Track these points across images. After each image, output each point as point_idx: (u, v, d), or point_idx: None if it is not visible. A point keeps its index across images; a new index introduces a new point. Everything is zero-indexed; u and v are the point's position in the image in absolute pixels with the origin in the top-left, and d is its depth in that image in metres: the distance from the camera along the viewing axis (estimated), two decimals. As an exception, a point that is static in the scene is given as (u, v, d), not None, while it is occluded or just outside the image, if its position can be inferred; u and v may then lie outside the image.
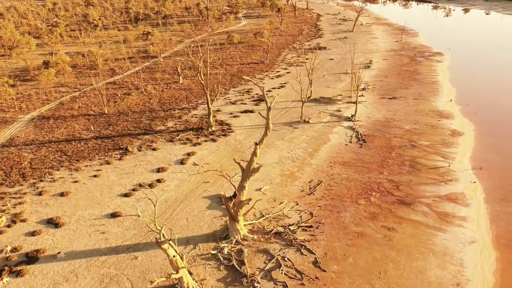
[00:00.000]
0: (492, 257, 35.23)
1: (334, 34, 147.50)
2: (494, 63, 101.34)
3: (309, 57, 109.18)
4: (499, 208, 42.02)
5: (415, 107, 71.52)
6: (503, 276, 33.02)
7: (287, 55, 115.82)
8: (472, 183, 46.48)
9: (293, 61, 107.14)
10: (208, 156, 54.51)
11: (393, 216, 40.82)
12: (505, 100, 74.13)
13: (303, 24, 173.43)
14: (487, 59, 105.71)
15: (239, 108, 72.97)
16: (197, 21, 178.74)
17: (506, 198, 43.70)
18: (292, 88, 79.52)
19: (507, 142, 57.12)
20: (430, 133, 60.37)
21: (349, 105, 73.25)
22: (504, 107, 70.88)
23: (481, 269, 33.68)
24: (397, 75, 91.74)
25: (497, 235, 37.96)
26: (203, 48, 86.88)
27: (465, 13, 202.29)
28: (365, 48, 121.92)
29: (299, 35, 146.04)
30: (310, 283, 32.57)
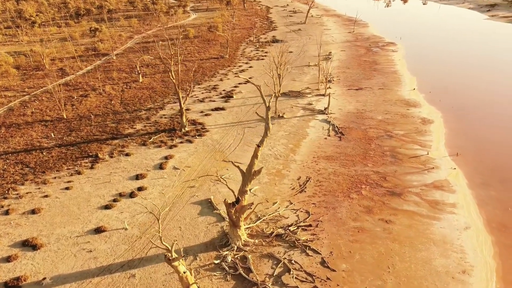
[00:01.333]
0: (488, 242, 36.46)
1: (287, 27, 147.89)
2: (444, 52, 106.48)
3: (268, 50, 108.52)
4: (482, 193, 43.73)
5: (382, 97, 73.12)
6: (502, 260, 34.24)
7: (246, 49, 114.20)
8: (453, 170, 48.06)
9: (253, 55, 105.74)
10: (188, 159, 51.94)
11: (387, 208, 41.09)
12: (463, 87, 77.94)
13: (255, 17, 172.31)
14: (436, 48, 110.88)
15: (208, 106, 70.51)
16: (145, 16, 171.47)
17: (486, 182, 45.62)
18: (259, 83, 78.12)
19: (474, 127, 59.89)
20: (403, 122, 61.88)
21: (319, 98, 73.39)
22: (463, 93, 74.46)
23: (481, 254, 34.70)
24: (358, 66, 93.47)
25: (488, 220, 39.41)
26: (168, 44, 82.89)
27: (404, 3, 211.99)
28: (321, 39, 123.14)
29: (253, 28, 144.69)
30: (322, 285, 31.77)
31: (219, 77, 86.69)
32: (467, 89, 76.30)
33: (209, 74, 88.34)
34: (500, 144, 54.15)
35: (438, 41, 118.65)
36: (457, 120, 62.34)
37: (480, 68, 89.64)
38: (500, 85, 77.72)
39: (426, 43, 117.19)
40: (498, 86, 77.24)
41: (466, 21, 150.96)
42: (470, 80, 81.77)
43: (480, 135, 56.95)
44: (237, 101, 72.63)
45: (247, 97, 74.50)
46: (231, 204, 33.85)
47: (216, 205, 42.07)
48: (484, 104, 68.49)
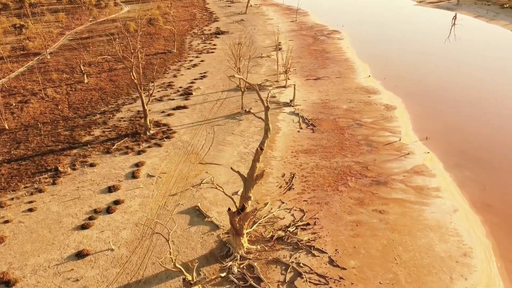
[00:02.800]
0: (478, 222, 38.07)
1: (229, 17, 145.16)
2: (389, 38, 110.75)
3: (216, 43, 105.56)
4: (459, 174, 45.72)
5: (342, 85, 74.06)
6: (495, 238, 35.88)
7: (192, 41, 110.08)
8: (427, 154, 49.75)
9: (201, 48, 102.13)
10: (161, 164, 48.46)
11: (377, 198, 41.37)
12: (414, 71, 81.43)
13: (192, 8, 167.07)
14: (377, 34, 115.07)
15: (168, 105, 66.65)
16: (73, 9, 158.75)
17: (460, 164, 47.78)
18: (215, 78, 75.58)
19: (435, 111, 62.67)
20: (368, 110, 63.05)
21: (281, 90, 72.58)
22: (416, 77, 77.76)
23: (475, 235, 36.09)
24: (310, 55, 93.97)
25: (471, 200, 41.20)
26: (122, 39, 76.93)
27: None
28: (266, 30, 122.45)
29: (194, 20, 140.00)
30: (337, 285, 31.02)
31: (172, 73, 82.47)
32: (417, 74, 79.81)
33: (160, 71, 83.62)
34: (464, 126, 57.15)
35: (377, 28, 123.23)
36: (417, 104, 64.83)
37: (422, 54, 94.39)
38: (446, 69, 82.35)
39: (367, 30, 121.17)
40: (444, 70, 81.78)
41: (397, 8, 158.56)
42: (418, 65, 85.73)
43: (443, 118, 59.69)
44: (198, 98, 69.46)
45: (207, 93, 71.57)
46: (235, 212, 31.73)
47: (205, 212, 39.57)
48: (438, 88, 72.04)
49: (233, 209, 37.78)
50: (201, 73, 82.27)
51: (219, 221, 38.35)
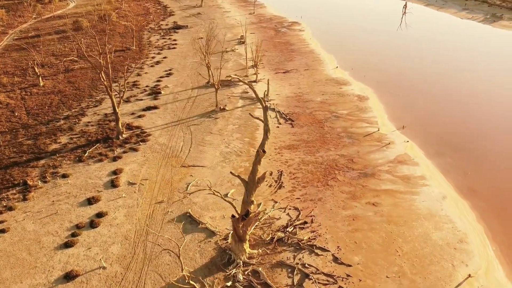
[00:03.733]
0: (467, 207, 39.30)
1: (184, 11, 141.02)
2: (347, 28, 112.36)
3: (176, 38, 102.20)
4: (441, 161, 47.03)
5: (312, 78, 74.06)
6: (486, 222, 37.18)
7: (150, 37, 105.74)
8: (406, 143, 50.76)
9: (162, 44, 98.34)
10: (141, 170, 45.87)
11: (368, 191, 41.56)
12: (377, 61, 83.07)
13: (145, 2, 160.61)
14: (338, 25, 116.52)
15: (137, 105, 63.40)
16: (14, 5, 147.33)
17: (440, 151, 49.18)
18: (182, 75, 72.96)
19: (406, 99, 64.23)
20: (342, 101, 63.44)
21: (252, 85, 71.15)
22: (380, 67, 79.34)
23: (467, 221, 37.20)
24: (274, 48, 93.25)
25: (456, 186, 42.48)
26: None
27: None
28: (225, 23, 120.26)
29: (148, 15, 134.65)
30: (346, 283, 30.71)
31: (135, 72, 78.56)
32: (383, 64, 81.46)
33: (122, 70, 79.38)
34: (437, 113, 58.96)
35: (334, 18, 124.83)
36: (388, 94, 66.12)
37: (381, 43, 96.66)
38: (407, 57, 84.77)
39: (325, 20, 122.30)
40: (406, 58, 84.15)
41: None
42: (379, 54, 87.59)
43: (415, 107, 61.27)
44: (167, 97, 66.63)
45: (176, 91, 68.86)
46: (239, 219, 30.38)
47: (197, 219, 37.83)
48: (405, 78, 73.91)
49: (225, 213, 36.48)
50: (166, 71, 79.08)
51: (213, 226, 36.83)
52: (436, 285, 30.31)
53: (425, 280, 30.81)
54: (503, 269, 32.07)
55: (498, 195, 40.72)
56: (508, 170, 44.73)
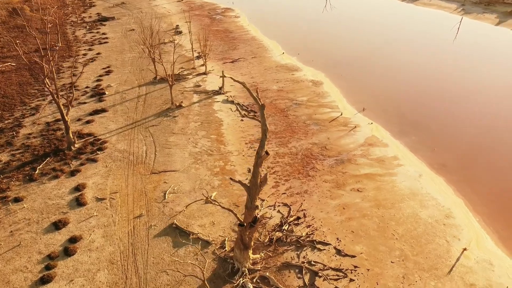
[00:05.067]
0: (443, 182, 41.25)
1: (107, 1, 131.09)
2: (282, 12, 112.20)
3: (105, 31, 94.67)
4: (407, 140, 48.85)
5: (261, 65, 72.90)
6: (463, 195, 39.30)
7: (75, 32, 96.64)
8: (371, 124, 52.00)
9: (90, 39, 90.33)
10: (107, 183, 41.65)
11: (349, 177, 41.86)
12: (320, 43, 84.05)
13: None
14: (272, 10, 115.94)
15: (82, 110, 57.52)
16: None
17: (403, 130, 51.05)
18: (123, 71, 67.72)
19: (358, 81, 65.73)
20: (298, 88, 63.23)
21: (203, 77, 68.39)
22: (324, 49, 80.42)
23: (446, 195, 39.04)
24: (214, 37, 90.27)
25: (428, 163, 44.39)
26: None
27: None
28: (155, 12, 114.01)
29: (66, 7, 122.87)
30: (356, 276, 30.60)
31: (69, 72, 71.16)
32: (324, 46, 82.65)
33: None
34: (393, 93, 61.09)
35: (265, 2, 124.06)
36: (339, 77, 67.17)
37: (316, 23, 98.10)
38: (346, 38, 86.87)
39: (257, 5, 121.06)
40: (345, 39, 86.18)
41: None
42: (320, 37, 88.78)
43: (371, 88, 62.96)
44: (114, 97, 61.32)
45: (122, 90, 63.65)
46: (247, 226, 28.57)
47: (185, 229, 35.26)
48: (354, 59, 75.58)
49: (213, 219, 34.61)
50: (104, 68, 72.73)
51: (206, 235, 34.56)
52: (438, 263, 31.34)
53: (427, 259, 31.70)
54: (491, 238, 34.10)
55: (467, 167, 43.29)
56: (471, 142, 47.73)
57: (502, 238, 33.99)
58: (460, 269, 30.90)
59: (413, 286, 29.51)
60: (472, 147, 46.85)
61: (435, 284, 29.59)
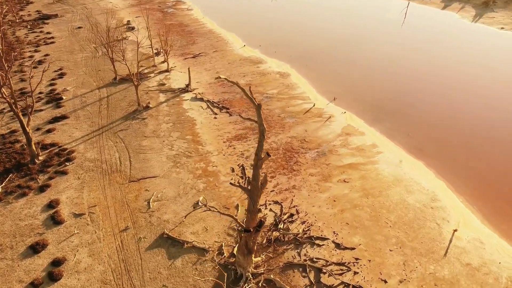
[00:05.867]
0: (422, 166, 42.53)
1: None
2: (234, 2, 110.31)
3: (49, 30, 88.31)
4: (382, 127, 49.83)
5: (224, 59, 71.36)
6: (444, 177, 40.72)
7: (16, 32, 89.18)
8: (344, 114, 52.53)
9: (35, 40, 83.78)
10: (82, 196, 38.81)
11: (333, 168, 42.03)
12: (280, 34, 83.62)
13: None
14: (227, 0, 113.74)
15: (40, 118, 53.23)
16: None
17: (377, 117, 52.01)
18: (79, 73, 63.57)
19: (324, 70, 66.11)
20: (266, 81, 62.55)
21: (166, 75, 65.75)
22: (285, 40, 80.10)
23: (428, 179, 40.30)
24: (171, 32, 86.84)
25: (406, 148, 45.57)
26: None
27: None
28: (101, 7, 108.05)
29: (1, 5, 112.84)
30: (359, 268, 30.77)
31: (17, 77, 65.56)
32: (287, 36, 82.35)
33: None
34: (361, 80, 61.96)
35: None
36: (305, 67, 67.24)
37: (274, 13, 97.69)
38: (306, 26, 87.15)
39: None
40: (305, 28, 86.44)
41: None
42: (284, 27, 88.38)
43: (338, 77, 63.55)
44: (73, 102, 57.27)
45: (80, 94, 59.59)
46: (253, 231, 27.63)
47: (178, 238, 33.68)
48: (316, 48, 75.84)
49: (205, 225, 33.55)
50: (55, 71, 67.69)
51: (201, 242, 33.21)
52: (434, 246, 32.27)
53: (422, 244, 32.53)
54: (476, 217, 35.65)
55: (443, 150, 44.93)
56: (443, 125, 49.52)
57: (486, 215, 35.61)
58: (454, 250, 31.98)
59: (414, 272, 30.13)
60: (444, 129, 48.68)
61: (435, 268, 30.41)
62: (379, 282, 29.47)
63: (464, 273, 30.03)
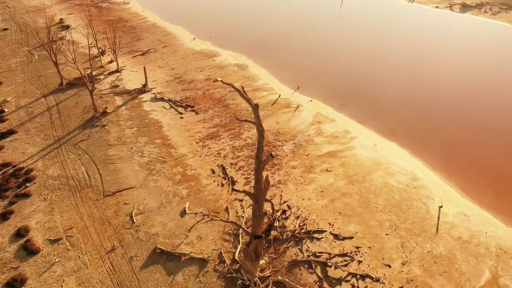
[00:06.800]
0: (397, 147, 43.95)
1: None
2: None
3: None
4: (350, 112, 50.71)
5: (176, 54, 68.50)
6: (418, 155, 42.40)
7: None
8: (311, 102, 52.74)
9: (-46, 46, 74.42)
10: (54, 219, 35.30)
11: (313, 158, 42.10)
12: (231, 25, 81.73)
13: None
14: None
15: (-19, 135, 47.44)
16: None
17: (344, 103, 52.77)
18: (17, 81, 57.75)
19: (283, 58, 65.70)
20: (225, 74, 60.98)
21: (117, 76, 61.70)
22: (236, 30, 78.47)
23: (405, 159, 41.78)
24: (111, 28, 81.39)
25: (378, 131, 46.77)
26: None
27: None
28: (24, 6, 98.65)
29: None
30: (361, 256, 31.18)
31: None
32: (236, 26, 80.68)
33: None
34: (320, 66, 62.29)
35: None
36: (263, 58, 66.42)
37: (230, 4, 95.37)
38: (258, 15, 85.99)
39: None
40: (257, 17, 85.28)
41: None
42: (231, 17, 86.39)
43: (296, 64, 63.41)
44: (18, 114, 51.77)
45: (24, 104, 54.03)
46: (263, 236, 26.67)
47: (173, 251, 31.87)
48: (272, 38, 74.98)
49: (199, 233, 32.31)
50: (-11, 80, 60.72)
51: (199, 253, 31.69)
52: (424, 225, 33.55)
53: (414, 224, 33.67)
54: (456, 191, 37.55)
55: (411, 129, 46.73)
56: (407, 104, 51.35)
57: (464, 189, 37.65)
58: (444, 226, 33.46)
59: (413, 252, 31.10)
60: (408, 108, 50.59)
61: (431, 246, 31.62)
62: (383, 267, 30.01)
63: (457, 247, 31.52)
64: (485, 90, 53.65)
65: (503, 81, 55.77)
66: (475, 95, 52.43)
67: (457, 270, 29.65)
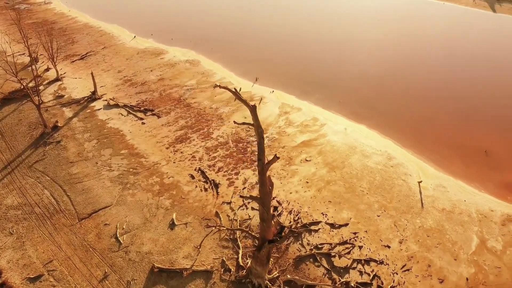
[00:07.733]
0: (366, 129, 45.28)
1: None
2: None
3: None
4: (313, 99, 51.24)
5: (119, 55, 64.43)
6: (388, 134, 44.04)
7: None
8: (273, 93, 52.52)
9: None
10: (28, 254, 31.78)
11: (291, 150, 42.11)
12: (173, 20, 78.34)
13: None
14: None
15: None
16: None
17: (305, 91, 53.09)
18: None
19: (234, 50, 64.39)
20: (178, 72, 58.66)
21: (57, 85, 56.61)
22: (181, 25, 75.46)
23: (377, 140, 43.26)
24: (36, 33, 74.33)
25: (344, 115, 47.80)
26: None
27: None
28: None
29: None
30: (361, 241, 31.90)
31: None
32: (181, 21, 77.55)
33: None
34: (274, 56, 61.90)
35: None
36: (213, 52, 64.72)
37: None
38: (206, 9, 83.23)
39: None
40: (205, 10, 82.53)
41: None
42: (173, 10, 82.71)
43: (250, 56, 62.53)
44: (-50, 140, 45.55)
45: (-45, 128, 47.67)
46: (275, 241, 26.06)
47: (173, 267, 30.26)
48: (218, 31, 72.95)
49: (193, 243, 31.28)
50: None
51: (200, 265, 30.40)
52: (409, 201, 35.12)
53: (400, 202, 35.11)
54: (430, 165, 39.64)
55: (374, 109, 48.33)
56: (365, 85, 52.87)
57: (436, 161, 39.90)
58: (427, 200, 35.27)
59: (407, 229, 32.44)
60: (368, 89, 52.22)
61: (420, 221, 33.20)
62: (384, 249, 30.96)
63: (444, 218, 33.40)
64: (435, 64, 57.00)
65: (443, 55, 59.60)
66: (431, 70, 55.45)
67: (449, 240, 31.41)
